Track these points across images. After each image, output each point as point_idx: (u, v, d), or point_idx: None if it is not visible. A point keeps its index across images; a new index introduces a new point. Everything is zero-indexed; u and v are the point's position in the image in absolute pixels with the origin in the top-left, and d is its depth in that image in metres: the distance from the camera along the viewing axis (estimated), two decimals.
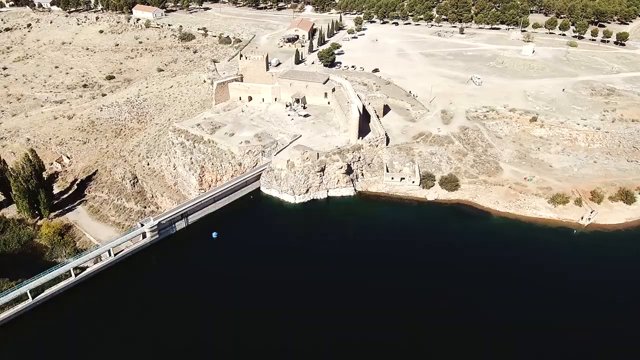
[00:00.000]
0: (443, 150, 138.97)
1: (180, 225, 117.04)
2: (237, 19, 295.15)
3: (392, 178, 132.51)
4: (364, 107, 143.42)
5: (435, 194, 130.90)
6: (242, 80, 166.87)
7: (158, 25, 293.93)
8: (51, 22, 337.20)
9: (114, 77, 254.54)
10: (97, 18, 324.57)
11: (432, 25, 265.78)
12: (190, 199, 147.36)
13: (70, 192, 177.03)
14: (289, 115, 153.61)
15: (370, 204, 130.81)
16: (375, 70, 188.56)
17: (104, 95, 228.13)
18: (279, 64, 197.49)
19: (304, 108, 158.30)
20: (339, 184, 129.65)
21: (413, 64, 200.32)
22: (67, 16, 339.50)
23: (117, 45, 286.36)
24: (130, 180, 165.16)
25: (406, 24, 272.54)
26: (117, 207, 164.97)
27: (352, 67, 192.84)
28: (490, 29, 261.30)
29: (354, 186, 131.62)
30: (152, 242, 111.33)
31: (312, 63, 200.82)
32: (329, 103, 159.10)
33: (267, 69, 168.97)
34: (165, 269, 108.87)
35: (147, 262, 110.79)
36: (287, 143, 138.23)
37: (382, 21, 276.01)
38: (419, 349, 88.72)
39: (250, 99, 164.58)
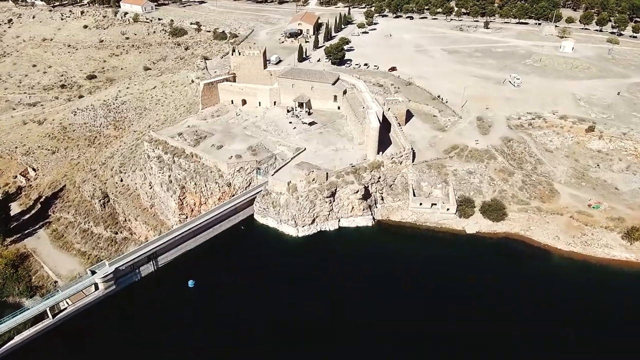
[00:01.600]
0: (483, 167, 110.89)
1: (147, 269, 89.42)
2: (234, 13, 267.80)
3: (421, 204, 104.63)
4: (383, 113, 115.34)
5: (476, 225, 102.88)
6: (234, 80, 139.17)
7: (147, 19, 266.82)
8: (33, 17, 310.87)
9: (96, 77, 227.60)
10: (82, 12, 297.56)
11: (451, 19, 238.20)
12: (168, 224, 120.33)
13: (33, 211, 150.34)
14: (290, 122, 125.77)
15: (393, 237, 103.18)
16: (392, 69, 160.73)
17: (80, 97, 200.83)
18: (280, 61, 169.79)
19: (309, 114, 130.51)
20: (353, 212, 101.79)
21: (435, 61, 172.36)
22: (50, 10, 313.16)
23: (102, 41, 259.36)
24: (100, 200, 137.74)
25: (422, 17, 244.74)
26: (83, 232, 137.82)
27: (365, 65, 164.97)
28: (517, 23, 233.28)
29: (372, 214, 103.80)
30: (108, 295, 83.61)
31: (318, 60, 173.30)
32: (339, 108, 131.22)
33: (265, 66, 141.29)
34: (123, 335, 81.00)
35: (99, 324, 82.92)
36: (288, 158, 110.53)
37: (394, 15, 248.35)
38: None
39: (244, 102, 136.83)
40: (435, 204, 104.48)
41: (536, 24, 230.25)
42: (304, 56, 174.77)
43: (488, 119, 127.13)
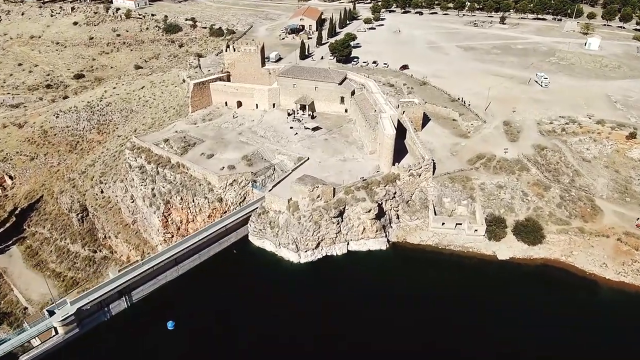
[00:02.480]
0: (515, 181, 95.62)
1: (119, 306, 74.39)
2: (232, 9, 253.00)
3: (443, 224, 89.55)
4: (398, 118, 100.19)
5: (509, 249, 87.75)
6: (228, 80, 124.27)
7: (140, 15, 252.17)
8: (23, 14, 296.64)
9: (84, 76, 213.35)
10: (72, 9, 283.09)
11: (463, 14, 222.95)
12: (152, 244, 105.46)
13: (7, 225, 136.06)
14: (291, 128, 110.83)
15: (411, 263, 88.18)
16: (404, 67, 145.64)
17: (65, 97, 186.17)
18: (280, 58, 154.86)
19: (312, 118, 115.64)
20: (364, 234, 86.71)
21: (451, 59, 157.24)
22: (40, 7, 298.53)
23: (92, 38, 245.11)
24: (78, 214, 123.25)
25: (432, 13, 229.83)
26: (59, 249, 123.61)
27: (374, 63, 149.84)
28: (534, 19, 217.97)
29: (386, 235, 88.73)
30: (69, 340, 68.65)
31: (322, 58, 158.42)
32: (346, 111, 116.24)
33: (263, 64, 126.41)
34: None
35: None
36: (289, 170, 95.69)
37: (403, 10, 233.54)
38: None
39: (239, 104, 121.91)
40: (461, 224, 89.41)
41: (555, 19, 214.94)
42: (307, 53, 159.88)
43: (516, 124, 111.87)
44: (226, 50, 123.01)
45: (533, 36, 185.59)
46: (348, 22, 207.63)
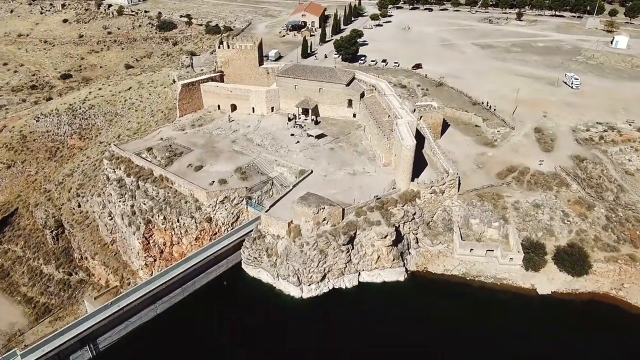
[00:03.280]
0: (553, 198, 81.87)
1: (81, 357, 60.67)
2: (229, 5, 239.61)
3: (471, 250, 75.96)
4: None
5: (551, 281, 74.17)
6: (221, 80, 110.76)
7: (133, 11, 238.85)
8: (12, 12, 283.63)
9: (71, 76, 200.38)
10: (63, 5, 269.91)
11: (476, 11, 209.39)
12: (133, 268, 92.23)
13: None
14: (292, 135, 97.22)
15: (434, 297, 74.57)
16: (417, 67, 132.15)
17: (49, 99, 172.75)
18: (280, 57, 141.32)
19: (316, 123, 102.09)
20: (379, 263, 73.11)
21: (467, 57, 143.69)
22: (30, 4, 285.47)
23: (81, 36, 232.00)
24: (53, 230, 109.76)
25: (442, 9, 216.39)
26: (32, 270, 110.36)
27: (383, 61, 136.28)
28: (552, 15, 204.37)
29: (404, 264, 75.05)
30: None
31: (325, 57, 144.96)
32: (354, 116, 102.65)
33: (261, 63, 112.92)
34: None
35: None
36: (289, 184, 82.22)
37: (411, 6, 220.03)
38: None
39: (233, 108, 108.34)
40: (492, 251, 75.82)
41: (574, 16, 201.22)
42: (309, 51, 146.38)
43: (548, 131, 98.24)
44: (219, 47, 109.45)
45: (553, 33, 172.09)
46: (353, 18, 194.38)
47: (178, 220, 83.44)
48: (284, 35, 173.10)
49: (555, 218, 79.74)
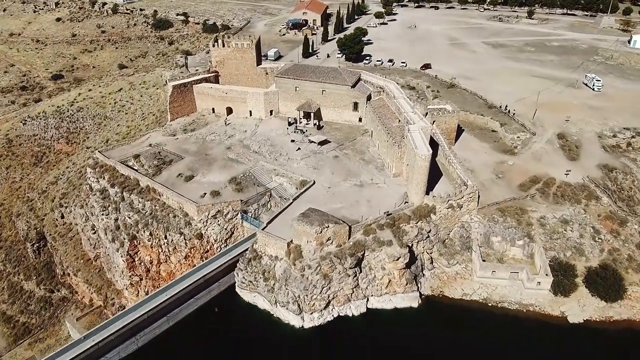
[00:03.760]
0: (582, 213, 73.61)
1: None
2: (228, 3, 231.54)
3: (493, 272, 67.72)
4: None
5: (583, 308, 66.03)
6: (216, 81, 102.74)
7: (128, 10, 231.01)
8: (4, 10, 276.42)
9: (62, 77, 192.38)
10: (57, 4, 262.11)
11: (484, 9, 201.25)
12: (118, 287, 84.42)
13: None
14: (292, 141, 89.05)
15: (452, 325, 66.06)
16: (426, 67, 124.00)
17: (38, 101, 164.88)
18: (280, 57, 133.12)
19: (319, 128, 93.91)
20: (390, 288, 64.94)
21: (479, 57, 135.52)
22: (23, 2, 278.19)
23: (74, 35, 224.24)
24: (34, 243, 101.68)
25: (448, 7, 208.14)
26: (12, 286, 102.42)
27: (390, 61, 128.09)
28: (563, 14, 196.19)
29: (418, 288, 66.86)
30: None
31: (328, 56, 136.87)
32: (360, 120, 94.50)
33: (259, 62, 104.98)
34: None
35: None
36: (289, 196, 74.18)
37: (416, 4, 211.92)
38: None
39: (229, 111, 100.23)
40: (517, 273, 67.58)
41: (587, 15, 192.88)
42: (310, 51, 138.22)
43: (572, 137, 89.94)
44: (213, 46, 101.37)
45: (567, 32, 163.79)
46: (356, 16, 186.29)
47: (166, 237, 75.37)
48: (284, 34, 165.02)
49: (585, 235, 71.50)
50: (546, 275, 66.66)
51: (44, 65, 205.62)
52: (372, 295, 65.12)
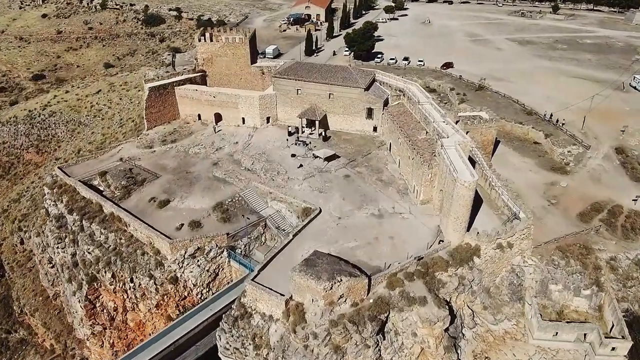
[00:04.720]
0: None
1: None
2: None
3: (556, 334, 51.67)
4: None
5: None
6: (203, 82, 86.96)
7: (117, 5, 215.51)
8: None
9: (44, 77, 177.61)
10: (43, 0, 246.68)
11: (502, 4, 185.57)
12: (78, 335, 68.57)
13: None
14: (293, 155, 73.11)
15: None
16: (447, 66, 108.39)
17: (13, 104, 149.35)
18: (279, 54, 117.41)
19: (325, 140, 77.94)
20: (422, 358, 48.81)
21: (506, 55, 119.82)
22: None
23: (60, 32, 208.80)
24: None
25: (463, 2, 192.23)
26: None
27: (405, 60, 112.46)
28: (588, 9, 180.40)
29: (457, 354, 50.82)
30: None
31: (333, 54, 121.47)
32: (375, 130, 78.54)
33: (255, 60, 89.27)
34: None
35: None
36: (288, 227, 58.49)
37: None
38: None
39: (218, 117, 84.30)
40: (588, 335, 51.56)
41: (614, 11, 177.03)
42: (314, 48, 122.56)
43: (633, 151, 73.92)
44: (199, 40, 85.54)
45: (598, 29, 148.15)
46: (364, 11, 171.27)
47: (132, 280, 59.58)
48: (284, 30, 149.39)
49: None
50: (622, 337, 50.70)
51: (26, 65, 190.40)
52: None
